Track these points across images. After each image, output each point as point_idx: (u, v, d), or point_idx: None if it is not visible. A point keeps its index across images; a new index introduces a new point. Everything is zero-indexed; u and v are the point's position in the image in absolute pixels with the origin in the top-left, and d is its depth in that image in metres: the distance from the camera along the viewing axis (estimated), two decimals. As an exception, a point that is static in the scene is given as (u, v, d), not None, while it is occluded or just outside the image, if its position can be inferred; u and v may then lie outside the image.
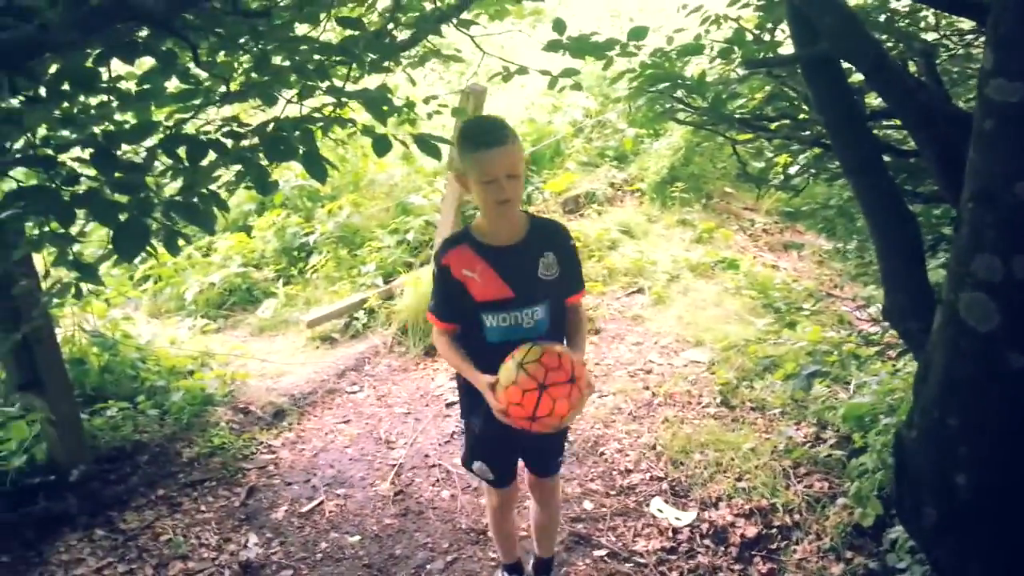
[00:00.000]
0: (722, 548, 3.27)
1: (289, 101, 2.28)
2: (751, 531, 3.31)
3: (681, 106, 3.39)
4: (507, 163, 2.21)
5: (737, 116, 3.36)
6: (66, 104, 1.96)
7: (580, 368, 2.20)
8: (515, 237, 2.40)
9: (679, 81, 3.21)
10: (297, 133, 2.12)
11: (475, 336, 2.44)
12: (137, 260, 5.82)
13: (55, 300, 2.98)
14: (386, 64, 2.61)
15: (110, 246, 1.78)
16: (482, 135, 2.23)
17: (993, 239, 1.33)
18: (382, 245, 6.07)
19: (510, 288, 2.37)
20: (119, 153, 1.88)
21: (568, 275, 2.47)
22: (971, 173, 1.39)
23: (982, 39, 3.68)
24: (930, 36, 3.61)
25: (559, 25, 2.82)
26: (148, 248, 2.37)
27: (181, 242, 2.30)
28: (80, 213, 1.80)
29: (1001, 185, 1.31)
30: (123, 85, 2.13)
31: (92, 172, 1.84)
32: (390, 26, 2.72)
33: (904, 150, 2.97)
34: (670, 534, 3.35)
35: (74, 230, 2.20)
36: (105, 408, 4.14)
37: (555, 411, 2.14)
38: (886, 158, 2.36)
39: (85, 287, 2.84)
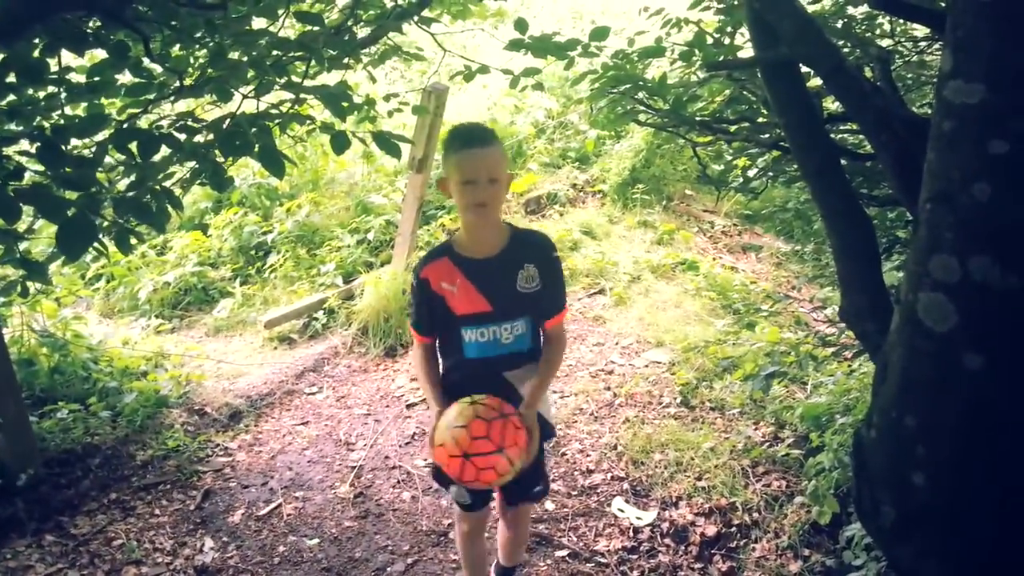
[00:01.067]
0: (682, 547, 3.29)
1: (245, 96, 2.23)
2: (711, 530, 3.33)
3: (642, 108, 3.41)
4: (488, 165, 2.19)
5: (697, 118, 3.39)
6: (12, 96, 1.90)
7: (513, 435, 2.17)
8: (494, 249, 2.35)
9: (640, 83, 3.22)
10: (254, 129, 2.08)
11: (454, 350, 2.42)
12: (89, 258, 5.72)
13: (1, 299, 2.89)
14: (346, 61, 2.57)
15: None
16: (466, 136, 2.23)
17: (951, 240, 1.34)
18: (342, 244, 6.01)
19: (488, 302, 2.33)
20: (68, 148, 1.82)
21: (548, 291, 2.39)
22: (929, 174, 1.40)
23: (936, 46, 3.77)
24: (885, 43, 3.67)
25: (521, 25, 2.82)
26: (98, 246, 2.31)
27: (134, 240, 2.25)
28: (28, 210, 1.75)
29: (959, 186, 1.32)
30: (73, 77, 2.07)
31: (39, 167, 1.79)
32: (350, 22, 2.68)
33: (860, 154, 3.01)
34: (631, 534, 3.36)
35: (22, 227, 2.14)
36: (55, 410, 4.04)
37: (480, 479, 2.14)
38: (842, 162, 2.39)
39: (32, 286, 2.76)
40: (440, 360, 2.51)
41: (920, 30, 3.93)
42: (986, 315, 1.33)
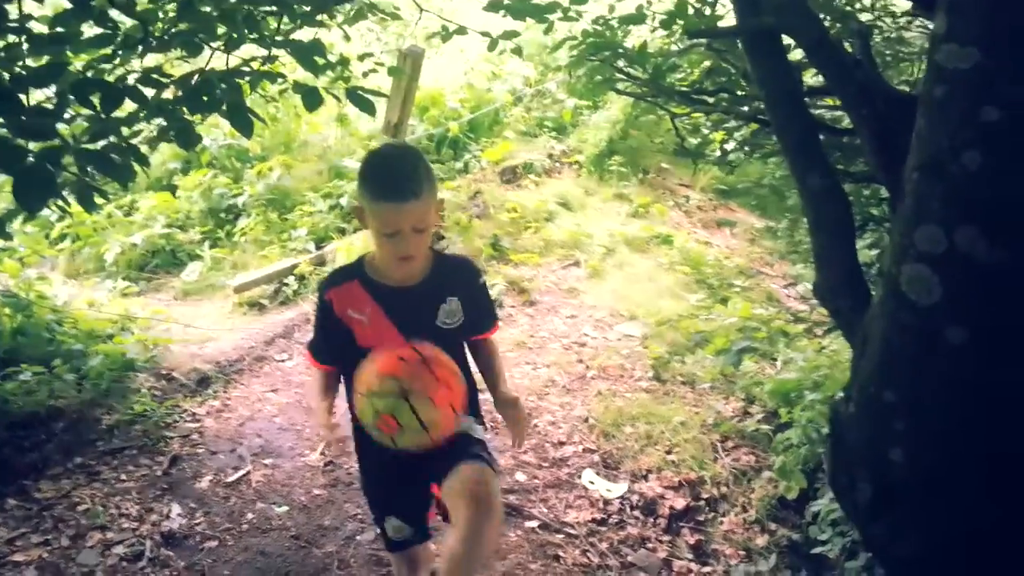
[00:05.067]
0: (651, 519, 3.31)
1: (215, 51, 2.16)
2: (680, 503, 3.36)
3: (621, 76, 3.37)
4: (413, 218, 1.85)
5: (677, 89, 3.36)
6: (-31, 45, 1.82)
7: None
8: (415, 277, 2.03)
9: (620, 51, 3.18)
10: (223, 86, 2.02)
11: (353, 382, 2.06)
12: (53, 217, 5.58)
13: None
14: (320, 18, 2.50)
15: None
16: (387, 184, 1.85)
17: (937, 210, 1.32)
18: (314, 209, 5.92)
19: (402, 336, 2.00)
20: (27, 98, 1.74)
21: (474, 317, 2.12)
22: (918, 142, 1.37)
23: (916, 23, 3.76)
24: (865, 17, 3.66)
25: (501, -14, 2.76)
26: (60, 203, 2.24)
27: (100, 200, 2.18)
28: (-15, 164, 1.68)
29: (948, 155, 1.29)
30: (35, 27, 1.99)
31: (-2, 119, 1.72)
32: (325, -22, 2.61)
33: (838, 128, 3.00)
34: (601, 505, 3.37)
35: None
36: (18, 372, 3.94)
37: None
38: (820, 136, 2.38)
39: (-7, 243, 2.68)
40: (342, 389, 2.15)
41: (900, 5, 3.92)
42: (971, 288, 1.31)
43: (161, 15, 2.49)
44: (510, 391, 2.17)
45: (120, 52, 2.17)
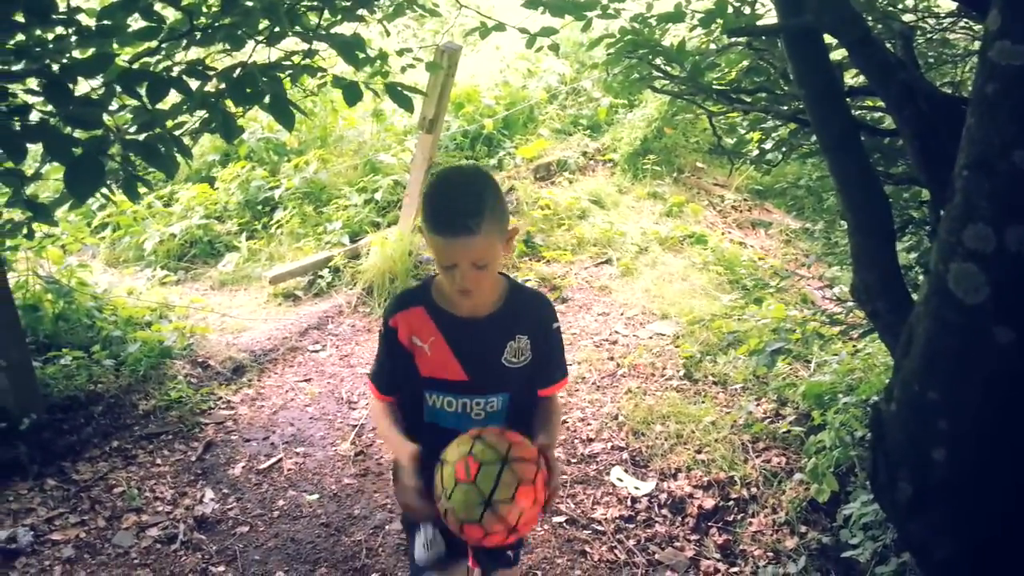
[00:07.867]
0: (679, 518, 3.30)
1: (258, 43, 2.19)
2: (708, 503, 3.34)
3: (659, 74, 3.36)
4: (472, 254, 1.70)
5: (715, 88, 3.33)
6: (20, 36, 1.86)
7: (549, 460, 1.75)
8: (484, 309, 1.89)
9: (658, 49, 3.17)
10: (265, 79, 2.05)
11: (412, 411, 1.98)
12: (96, 206, 5.69)
13: (7, 241, 2.87)
14: (360, 12, 2.52)
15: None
16: (443, 216, 1.70)
17: (987, 209, 1.29)
18: (349, 203, 5.98)
19: (464, 370, 1.89)
20: (75, 88, 1.78)
21: (543, 363, 1.97)
22: (967, 140, 1.34)
23: (960, 23, 3.70)
24: (907, 18, 3.60)
25: (540, -17, 2.76)
26: (106, 193, 2.29)
27: (142, 189, 2.23)
28: (35, 152, 1.72)
29: (999, 153, 1.27)
30: (82, 19, 2.03)
31: (47, 108, 1.76)
32: (366, -26, 2.63)
33: (879, 129, 2.96)
34: (629, 503, 3.37)
35: (30, 171, 2.12)
36: (59, 356, 4.04)
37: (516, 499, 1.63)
38: (861, 137, 2.35)
39: (38, 229, 2.74)
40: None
41: (944, 6, 3.85)
42: (1020, 287, 1.29)
43: (205, 9, 2.53)
44: (550, 447, 1.92)
45: (165, 45, 2.21)
